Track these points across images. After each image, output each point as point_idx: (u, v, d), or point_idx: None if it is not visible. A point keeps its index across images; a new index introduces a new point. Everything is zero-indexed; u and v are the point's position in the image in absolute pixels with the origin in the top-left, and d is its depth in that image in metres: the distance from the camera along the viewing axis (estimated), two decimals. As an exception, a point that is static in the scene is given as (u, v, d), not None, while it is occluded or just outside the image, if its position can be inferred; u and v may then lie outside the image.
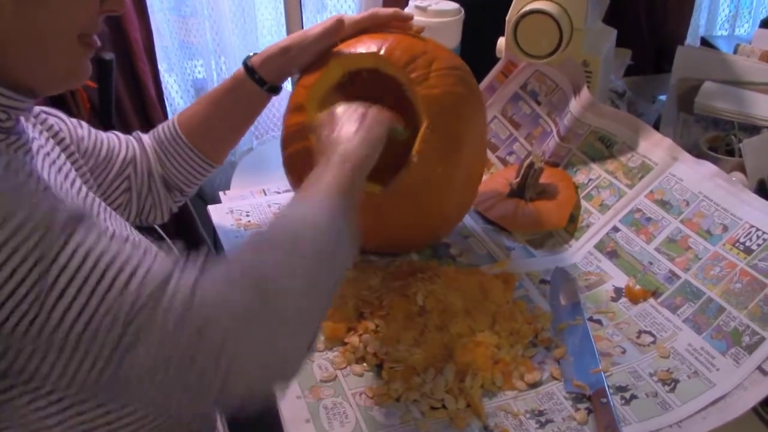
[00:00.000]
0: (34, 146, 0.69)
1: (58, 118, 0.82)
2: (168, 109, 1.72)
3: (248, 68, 0.91)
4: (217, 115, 0.93)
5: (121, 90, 1.58)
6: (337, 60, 0.91)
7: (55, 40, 0.62)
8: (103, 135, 0.89)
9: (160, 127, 0.96)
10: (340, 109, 0.81)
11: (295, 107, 0.93)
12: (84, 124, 0.87)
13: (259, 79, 0.91)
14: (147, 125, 1.64)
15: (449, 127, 0.89)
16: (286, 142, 0.94)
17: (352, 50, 0.91)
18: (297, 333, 0.57)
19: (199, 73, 1.77)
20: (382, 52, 0.90)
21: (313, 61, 0.92)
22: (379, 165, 0.77)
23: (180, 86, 1.77)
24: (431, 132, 0.88)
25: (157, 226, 1.45)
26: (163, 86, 1.69)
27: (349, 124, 0.77)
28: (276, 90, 0.94)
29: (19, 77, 0.62)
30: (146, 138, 0.95)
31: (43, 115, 0.79)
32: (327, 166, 0.69)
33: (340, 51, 0.92)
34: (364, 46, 0.91)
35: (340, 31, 0.90)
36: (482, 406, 0.77)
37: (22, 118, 0.70)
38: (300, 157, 0.91)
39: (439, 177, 0.90)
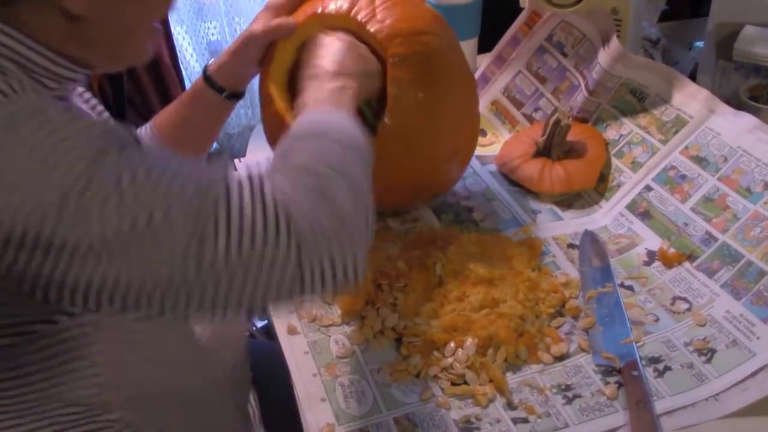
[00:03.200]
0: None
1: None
2: (183, 72, 1.68)
3: (206, 77, 0.90)
4: (184, 122, 0.92)
5: (133, 56, 1.55)
6: (283, 41, 0.87)
7: (137, 32, 0.61)
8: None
9: (141, 128, 0.95)
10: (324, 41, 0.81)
11: (265, 100, 0.90)
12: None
13: (218, 87, 0.89)
14: (161, 90, 1.60)
15: (414, 51, 0.83)
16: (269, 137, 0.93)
17: (295, 24, 0.86)
18: (355, 211, 0.59)
19: (213, 35, 1.73)
20: (319, 11, 0.85)
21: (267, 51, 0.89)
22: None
23: (195, 49, 1.73)
24: (397, 63, 0.82)
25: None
26: (177, 50, 1.65)
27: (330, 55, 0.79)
28: (238, 96, 0.93)
29: (88, 61, 0.60)
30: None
31: (92, 101, 0.77)
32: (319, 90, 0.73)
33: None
34: (304, 13, 0.86)
35: (277, 22, 0.87)
36: (505, 381, 0.74)
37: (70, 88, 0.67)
38: None
39: (422, 103, 0.83)
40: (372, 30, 0.83)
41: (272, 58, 0.87)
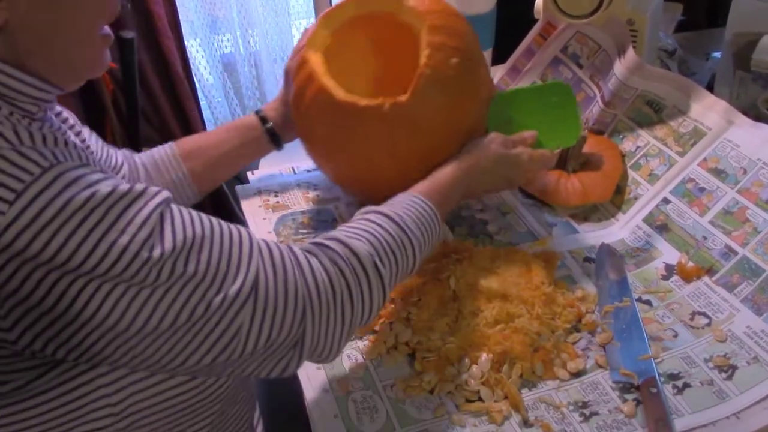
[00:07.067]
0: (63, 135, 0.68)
1: (77, 122, 0.81)
2: (196, 85, 1.68)
3: (260, 116, 0.99)
4: (218, 146, 0.97)
5: (147, 69, 1.55)
6: (321, 26, 0.93)
7: (83, 39, 0.62)
8: (107, 147, 0.88)
9: (155, 149, 0.97)
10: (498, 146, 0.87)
11: (299, 66, 0.91)
12: (93, 133, 0.85)
13: (269, 128, 0.99)
14: (175, 103, 1.61)
15: (448, 23, 0.89)
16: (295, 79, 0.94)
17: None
18: (363, 319, 0.67)
19: (226, 48, 1.73)
20: None
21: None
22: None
23: (209, 62, 1.73)
24: (434, 30, 0.87)
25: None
26: (190, 62, 1.66)
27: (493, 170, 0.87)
28: (278, 142, 1.01)
29: (41, 74, 0.61)
30: (137, 157, 0.95)
31: (64, 115, 0.77)
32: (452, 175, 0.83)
33: None
34: None
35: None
36: (521, 398, 0.73)
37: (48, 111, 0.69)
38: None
39: (456, 69, 0.86)
40: (410, 4, 0.88)
41: (309, 38, 0.92)
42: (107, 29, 0.65)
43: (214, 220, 0.60)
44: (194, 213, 0.59)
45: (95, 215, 0.51)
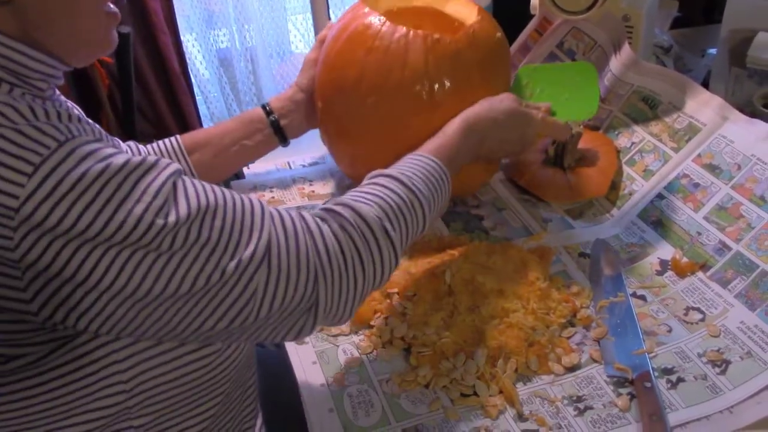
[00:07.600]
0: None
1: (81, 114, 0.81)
2: (192, 80, 1.68)
3: (265, 109, 1.00)
4: (223, 136, 0.98)
5: (143, 64, 1.55)
6: None
7: (87, 12, 0.62)
8: (111, 138, 0.88)
9: (159, 141, 0.98)
10: (513, 106, 0.87)
11: (353, 15, 0.93)
12: (97, 125, 0.85)
13: (273, 120, 0.99)
14: (170, 98, 1.60)
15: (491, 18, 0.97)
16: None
17: None
18: (374, 284, 0.67)
19: (222, 42, 1.73)
20: None
21: None
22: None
23: (204, 57, 1.73)
24: (482, 12, 0.95)
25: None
26: (186, 57, 1.65)
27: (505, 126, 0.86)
28: (282, 135, 1.01)
29: (49, 48, 0.62)
30: (142, 149, 0.96)
31: (69, 105, 0.77)
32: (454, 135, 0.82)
33: None
34: None
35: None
36: (516, 392, 0.73)
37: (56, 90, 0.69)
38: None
39: (501, 40, 0.94)
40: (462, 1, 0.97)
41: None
42: (113, 7, 0.66)
43: (225, 190, 0.61)
44: (206, 184, 0.60)
45: (110, 186, 0.53)
